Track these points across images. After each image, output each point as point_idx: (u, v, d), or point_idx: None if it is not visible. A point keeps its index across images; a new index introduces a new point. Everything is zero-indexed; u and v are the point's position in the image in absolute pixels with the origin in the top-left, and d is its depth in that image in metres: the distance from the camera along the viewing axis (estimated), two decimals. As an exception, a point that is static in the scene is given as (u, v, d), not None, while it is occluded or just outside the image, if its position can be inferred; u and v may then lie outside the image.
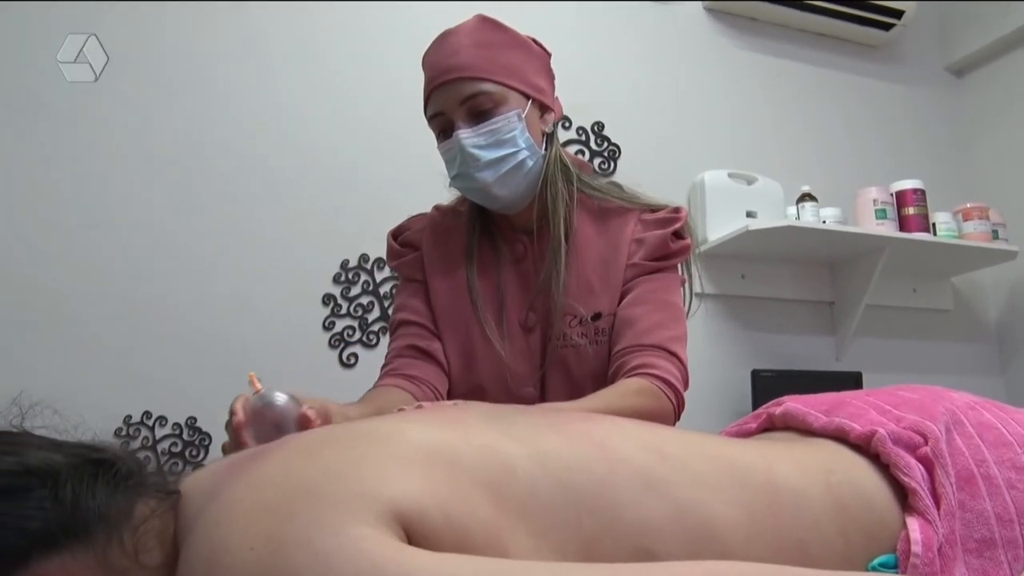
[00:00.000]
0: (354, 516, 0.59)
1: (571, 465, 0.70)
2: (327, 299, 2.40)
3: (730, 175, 2.85)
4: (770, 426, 0.99)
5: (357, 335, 2.41)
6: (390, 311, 2.41)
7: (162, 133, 2.31)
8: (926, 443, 0.82)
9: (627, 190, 1.46)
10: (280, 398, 0.99)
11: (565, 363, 1.35)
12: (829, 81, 3.23)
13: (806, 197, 2.80)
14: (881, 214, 2.80)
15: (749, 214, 2.79)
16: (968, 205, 2.93)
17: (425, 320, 1.43)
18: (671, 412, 1.24)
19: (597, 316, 1.35)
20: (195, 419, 2.21)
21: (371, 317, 2.43)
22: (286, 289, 2.35)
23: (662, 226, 1.38)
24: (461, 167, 1.32)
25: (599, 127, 2.80)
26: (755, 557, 0.72)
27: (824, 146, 3.15)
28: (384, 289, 2.45)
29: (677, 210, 1.40)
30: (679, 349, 1.30)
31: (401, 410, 0.98)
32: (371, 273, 2.44)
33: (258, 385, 1.01)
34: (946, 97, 3.45)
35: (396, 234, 1.54)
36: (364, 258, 2.44)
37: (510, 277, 1.41)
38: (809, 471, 0.80)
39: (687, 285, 1.42)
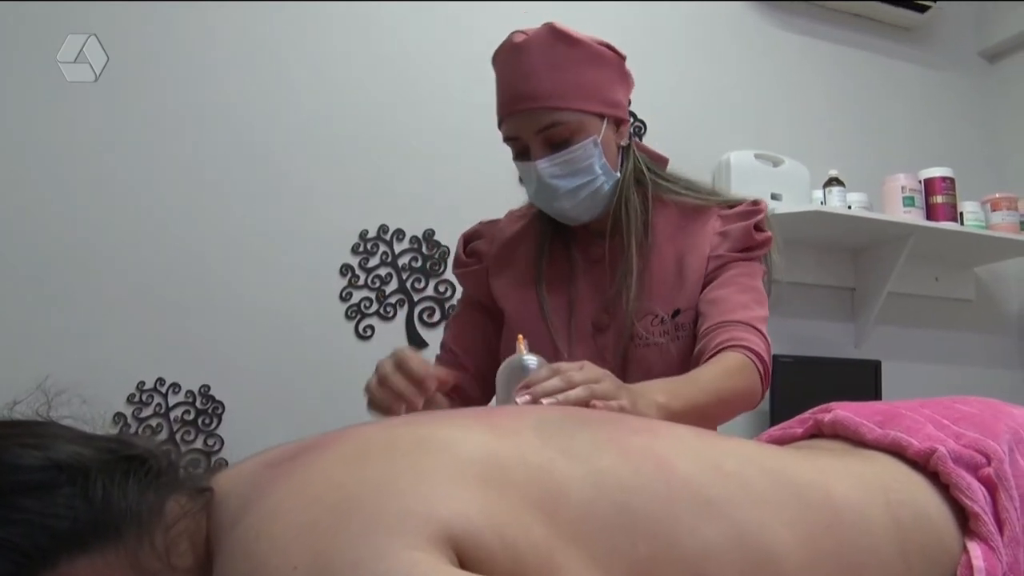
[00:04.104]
0: (404, 538, 0.55)
1: (629, 486, 0.67)
2: (344, 269, 2.36)
3: (756, 156, 2.80)
4: (817, 433, 0.95)
5: (374, 307, 2.37)
6: (408, 283, 2.39)
7: (181, 100, 2.27)
8: (989, 463, 0.79)
9: (703, 186, 1.45)
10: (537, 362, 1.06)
11: (646, 362, 1.34)
12: (861, 63, 3.15)
13: (833, 181, 2.75)
14: (909, 201, 2.76)
15: (774, 196, 2.73)
16: (997, 195, 2.89)
17: (460, 350, 1.46)
18: (759, 388, 1.23)
19: (676, 313, 1.34)
20: (208, 387, 2.19)
21: (388, 289, 2.39)
22: (303, 259, 2.32)
23: (743, 219, 1.37)
24: (538, 194, 1.34)
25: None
26: (812, 581, 0.68)
27: (853, 130, 3.08)
28: (403, 261, 2.40)
29: (756, 203, 1.39)
30: (764, 328, 1.29)
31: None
32: (390, 244, 2.40)
33: (523, 348, 1.10)
34: (978, 83, 3.37)
35: (467, 239, 1.53)
36: (383, 228, 2.39)
37: (583, 281, 1.41)
38: (869, 489, 0.76)
39: (767, 277, 1.40)
